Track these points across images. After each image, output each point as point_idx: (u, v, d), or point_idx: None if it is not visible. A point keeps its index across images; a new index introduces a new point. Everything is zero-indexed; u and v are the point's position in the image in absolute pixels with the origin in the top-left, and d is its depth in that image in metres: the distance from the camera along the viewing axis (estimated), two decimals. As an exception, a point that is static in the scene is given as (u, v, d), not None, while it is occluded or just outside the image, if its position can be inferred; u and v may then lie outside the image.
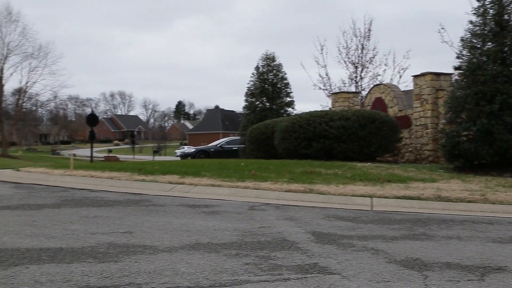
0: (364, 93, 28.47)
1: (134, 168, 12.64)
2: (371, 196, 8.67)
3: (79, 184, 10.99)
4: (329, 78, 31.57)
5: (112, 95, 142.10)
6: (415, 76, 19.19)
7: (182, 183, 10.13)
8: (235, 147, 24.85)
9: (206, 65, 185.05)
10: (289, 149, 17.70)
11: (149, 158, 47.22)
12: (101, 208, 7.48)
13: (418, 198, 8.51)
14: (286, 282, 3.77)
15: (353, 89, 29.79)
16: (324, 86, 31.43)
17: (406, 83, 31.55)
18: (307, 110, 19.92)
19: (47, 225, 5.92)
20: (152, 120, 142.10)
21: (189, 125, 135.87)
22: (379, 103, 21.30)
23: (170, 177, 10.75)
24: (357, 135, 16.68)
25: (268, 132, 20.33)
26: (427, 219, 7.08)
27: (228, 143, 25.62)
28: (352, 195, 8.79)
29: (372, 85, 25.97)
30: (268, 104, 30.06)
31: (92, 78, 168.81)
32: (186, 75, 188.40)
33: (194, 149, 25.81)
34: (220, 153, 24.09)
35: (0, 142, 48.24)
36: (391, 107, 20.56)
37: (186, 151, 25.82)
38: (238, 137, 27.75)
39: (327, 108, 26.95)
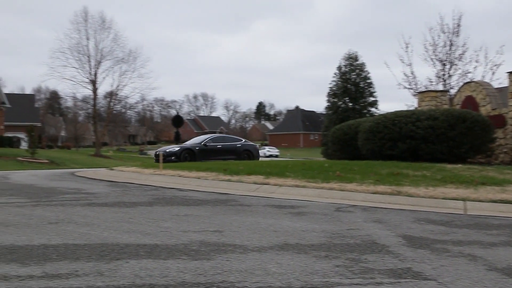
0: (452, 91, 27.25)
1: (219, 168, 12.92)
2: (464, 200, 8.27)
3: (168, 183, 11.43)
4: (414, 77, 30.50)
5: (195, 97, 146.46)
6: (510, 73, 18.07)
7: (267, 184, 10.22)
8: (219, 145, 22.60)
9: (285, 65, 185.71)
10: (373, 150, 17.32)
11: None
12: (191, 207, 7.72)
13: (517, 203, 8.00)
14: (379, 286, 3.67)
15: (440, 87, 28.59)
16: (409, 85, 30.42)
17: (499, 80, 29.80)
18: (391, 110, 19.45)
19: (142, 222, 6.20)
20: (233, 121, 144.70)
21: (269, 125, 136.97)
22: (469, 101, 20.29)
23: (255, 178, 10.89)
24: (446, 135, 15.99)
25: (351, 132, 20.03)
26: (528, 225, 6.63)
27: (213, 140, 22.87)
28: (443, 198, 8.44)
29: (461, 83, 24.78)
30: (350, 104, 29.69)
31: (176, 80, 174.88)
32: (266, 75, 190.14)
33: (179, 148, 22.24)
34: (205, 152, 21.81)
35: (94, 142, 51.23)
36: (483, 105, 19.50)
37: (168, 150, 22.08)
38: (223, 135, 25.72)
39: (412, 108, 26.09)
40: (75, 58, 50.93)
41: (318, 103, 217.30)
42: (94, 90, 51.96)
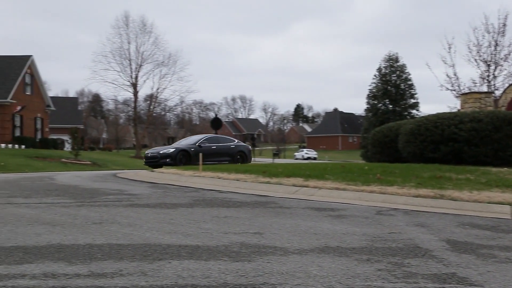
0: (498, 93, 26.48)
1: (258, 170, 12.96)
2: (510, 204, 8.02)
3: (208, 185, 11.54)
4: (457, 78, 29.81)
5: (233, 99, 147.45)
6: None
7: (306, 186, 10.18)
8: (213, 146, 21.61)
9: (324, 67, 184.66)
10: (414, 153, 17.01)
11: (269, 160, 48.17)
12: (230, 208, 7.78)
13: None
14: (423, 291, 3.61)
15: (484, 89, 27.85)
16: (452, 86, 29.74)
17: (547, 81, 28.78)
18: (433, 112, 18.99)
19: (183, 223, 6.29)
20: (271, 123, 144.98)
21: (307, 128, 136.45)
22: (515, 103, 19.67)
23: (294, 180, 10.87)
24: (491, 138, 15.53)
25: (392, 135, 19.72)
26: None
27: (207, 140, 21.81)
28: (489, 202, 8.20)
29: (507, 84, 24.08)
30: (391, 106, 29.17)
31: (214, 83, 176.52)
32: (305, 78, 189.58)
33: (174, 149, 20.87)
34: (199, 153, 19.92)
35: (134, 144, 52.27)
36: (530, 107, 18.87)
37: (162, 151, 20.67)
38: (216, 135, 24.36)
39: (455, 110, 25.51)
40: (116, 61, 52.42)
41: (357, 105, 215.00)
42: (135, 93, 53.16)
